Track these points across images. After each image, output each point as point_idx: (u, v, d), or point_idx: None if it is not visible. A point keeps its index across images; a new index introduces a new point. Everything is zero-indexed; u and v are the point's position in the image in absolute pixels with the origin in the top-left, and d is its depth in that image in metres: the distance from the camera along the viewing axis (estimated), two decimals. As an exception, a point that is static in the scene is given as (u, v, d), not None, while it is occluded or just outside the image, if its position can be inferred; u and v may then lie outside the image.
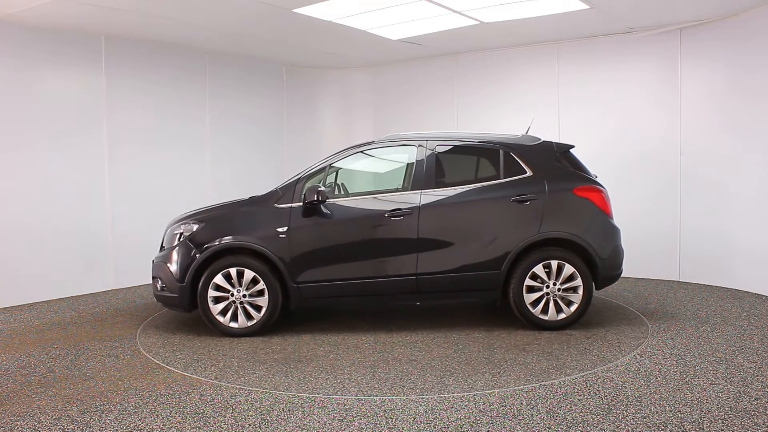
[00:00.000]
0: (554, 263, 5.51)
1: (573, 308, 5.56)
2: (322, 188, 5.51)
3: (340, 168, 5.99)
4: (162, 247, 5.87)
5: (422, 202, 5.55)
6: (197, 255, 5.51)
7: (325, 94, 10.51)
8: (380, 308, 6.57)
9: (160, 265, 5.73)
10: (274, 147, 9.85)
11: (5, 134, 6.87)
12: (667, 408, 3.78)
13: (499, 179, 5.67)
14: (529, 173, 5.64)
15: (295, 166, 8.53)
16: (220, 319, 5.55)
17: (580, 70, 8.28)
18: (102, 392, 4.21)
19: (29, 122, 7.05)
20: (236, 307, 5.55)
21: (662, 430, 3.47)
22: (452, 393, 4.10)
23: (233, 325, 5.55)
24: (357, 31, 7.63)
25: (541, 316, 5.55)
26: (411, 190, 5.63)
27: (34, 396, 4.17)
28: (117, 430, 3.60)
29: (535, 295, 5.55)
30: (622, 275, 5.93)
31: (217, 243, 5.52)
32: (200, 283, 5.51)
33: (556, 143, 5.87)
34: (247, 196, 5.95)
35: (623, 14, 7.05)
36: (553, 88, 8.45)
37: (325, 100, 10.54)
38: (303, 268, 5.52)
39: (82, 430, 3.61)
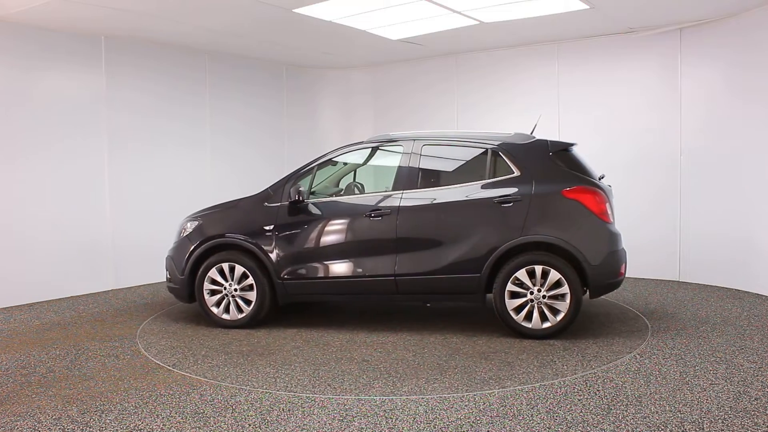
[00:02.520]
0: (538, 268, 5.21)
1: (559, 317, 5.22)
2: (303, 188, 5.68)
3: (328, 168, 6.09)
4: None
5: (402, 203, 5.52)
6: (194, 250, 5.86)
7: (325, 94, 10.51)
8: (388, 306, 6.58)
9: (168, 258, 6.14)
10: (274, 147, 9.85)
11: (5, 134, 6.87)
12: (667, 408, 3.78)
13: (485, 179, 5.46)
14: (516, 173, 5.38)
15: (295, 166, 8.49)
16: (215, 310, 5.88)
17: (580, 70, 8.28)
18: (102, 392, 4.21)
19: (29, 122, 7.05)
20: (228, 300, 5.84)
21: (662, 430, 3.47)
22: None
23: (225, 316, 5.86)
24: (357, 31, 7.63)
25: (525, 324, 5.27)
26: (393, 190, 5.62)
27: (34, 396, 4.17)
28: (117, 430, 3.60)
29: (519, 301, 5.28)
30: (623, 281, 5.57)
31: (210, 239, 5.86)
32: (197, 276, 5.86)
33: (551, 141, 5.57)
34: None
35: (623, 14, 7.05)
36: (553, 88, 8.45)
37: (325, 101, 10.54)
38: (288, 265, 5.69)
39: (82, 430, 3.61)
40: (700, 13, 7.03)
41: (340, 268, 5.63)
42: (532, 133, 5.81)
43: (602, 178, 5.70)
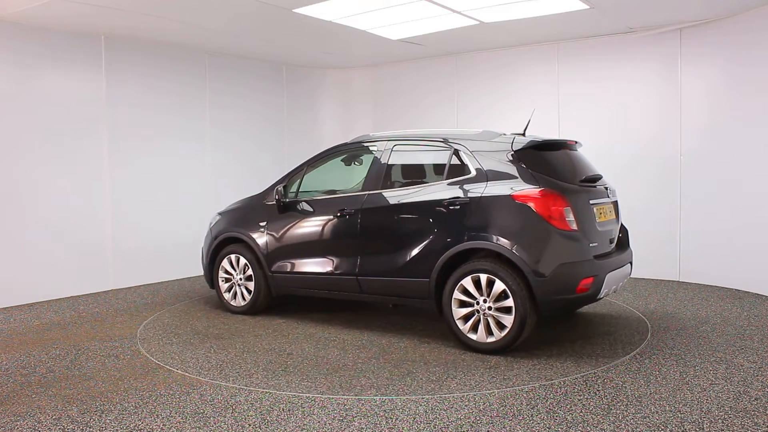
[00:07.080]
0: (483, 277, 4.83)
1: (504, 332, 4.78)
2: (281, 187, 6.05)
3: (316, 169, 6.20)
4: None
5: (364, 204, 5.54)
6: (213, 241, 6.54)
7: (325, 94, 10.51)
8: (386, 306, 6.59)
9: (201, 249, 6.81)
10: (275, 147, 9.84)
11: (5, 134, 6.86)
12: (667, 408, 3.78)
13: (442, 180, 5.25)
14: (472, 174, 5.07)
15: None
16: (226, 296, 6.52)
17: (580, 69, 8.28)
18: (102, 392, 4.21)
19: (29, 122, 7.04)
20: (236, 289, 6.43)
21: (662, 430, 3.48)
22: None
23: (233, 303, 6.47)
24: (357, 31, 7.63)
25: (470, 335, 4.92)
26: (362, 190, 5.66)
27: (34, 396, 4.17)
28: (117, 430, 3.60)
29: (465, 311, 4.94)
30: (597, 299, 4.98)
31: (222, 233, 6.47)
32: (214, 266, 6.56)
33: (516, 140, 5.11)
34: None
35: (623, 14, 7.05)
36: (553, 88, 8.45)
37: (325, 100, 10.54)
38: (275, 259, 6.10)
39: (82, 430, 3.61)
40: (700, 13, 7.03)
41: (313, 265, 5.88)
42: (525, 130, 5.56)
43: (598, 179, 5.45)
